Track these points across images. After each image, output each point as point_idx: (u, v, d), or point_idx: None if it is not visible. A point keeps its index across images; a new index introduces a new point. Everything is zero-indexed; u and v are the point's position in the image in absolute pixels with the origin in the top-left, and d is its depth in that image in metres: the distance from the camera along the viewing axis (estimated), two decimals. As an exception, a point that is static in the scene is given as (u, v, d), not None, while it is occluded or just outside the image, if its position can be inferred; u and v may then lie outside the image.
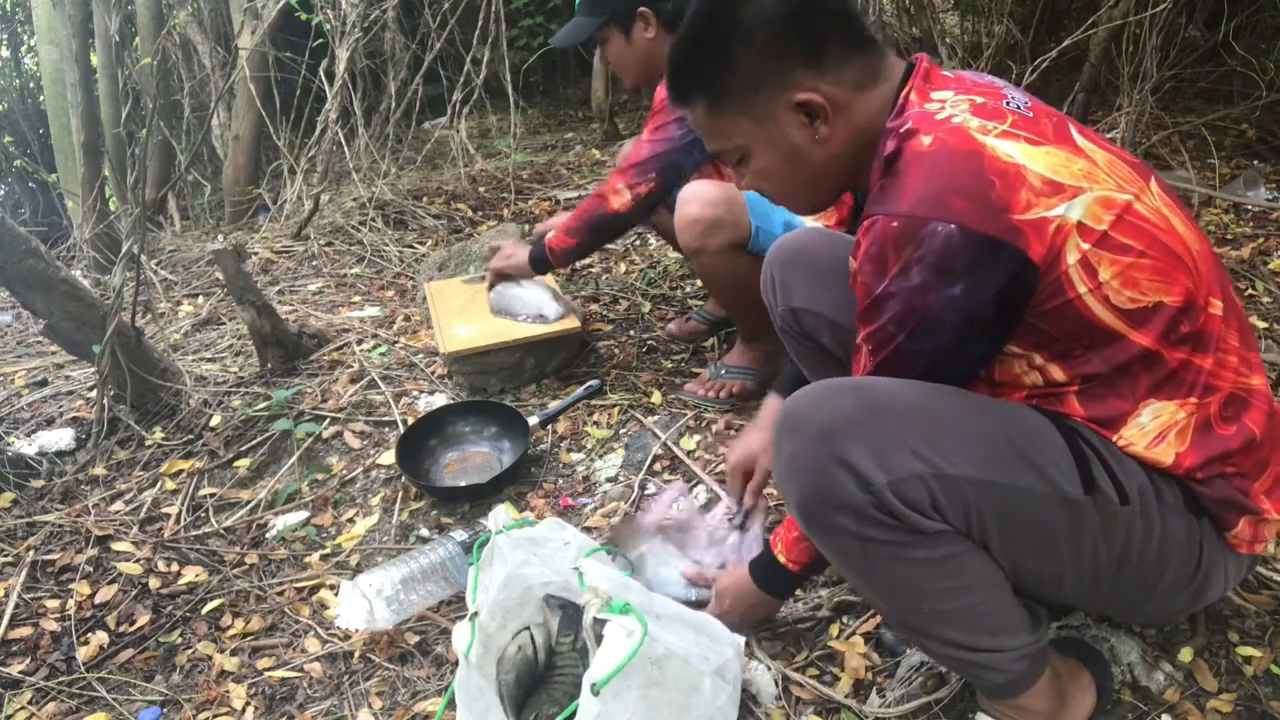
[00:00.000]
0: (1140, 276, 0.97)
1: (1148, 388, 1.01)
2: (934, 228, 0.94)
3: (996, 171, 0.95)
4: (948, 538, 1.00)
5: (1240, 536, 1.06)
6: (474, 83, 3.79)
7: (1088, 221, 0.95)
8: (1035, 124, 1.01)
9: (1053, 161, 0.96)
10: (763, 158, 1.12)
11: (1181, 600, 1.10)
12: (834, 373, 1.44)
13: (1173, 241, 0.99)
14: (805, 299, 1.44)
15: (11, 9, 5.65)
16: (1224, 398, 1.03)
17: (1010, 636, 1.07)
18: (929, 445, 0.96)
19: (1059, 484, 0.99)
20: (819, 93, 1.04)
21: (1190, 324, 1.00)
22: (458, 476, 1.96)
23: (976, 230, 0.93)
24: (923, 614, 1.06)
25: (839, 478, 0.97)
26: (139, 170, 3.19)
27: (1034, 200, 0.94)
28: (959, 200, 0.94)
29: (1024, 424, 1.02)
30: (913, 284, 0.97)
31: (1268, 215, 2.87)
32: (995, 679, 1.10)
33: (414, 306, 2.78)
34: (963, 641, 1.07)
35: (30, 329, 3.06)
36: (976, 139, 0.97)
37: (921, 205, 0.95)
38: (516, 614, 1.30)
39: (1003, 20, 3.85)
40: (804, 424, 1.00)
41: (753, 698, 1.33)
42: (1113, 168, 1.00)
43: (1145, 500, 1.01)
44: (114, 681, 1.54)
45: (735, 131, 1.11)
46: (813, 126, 1.07)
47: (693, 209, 1.88)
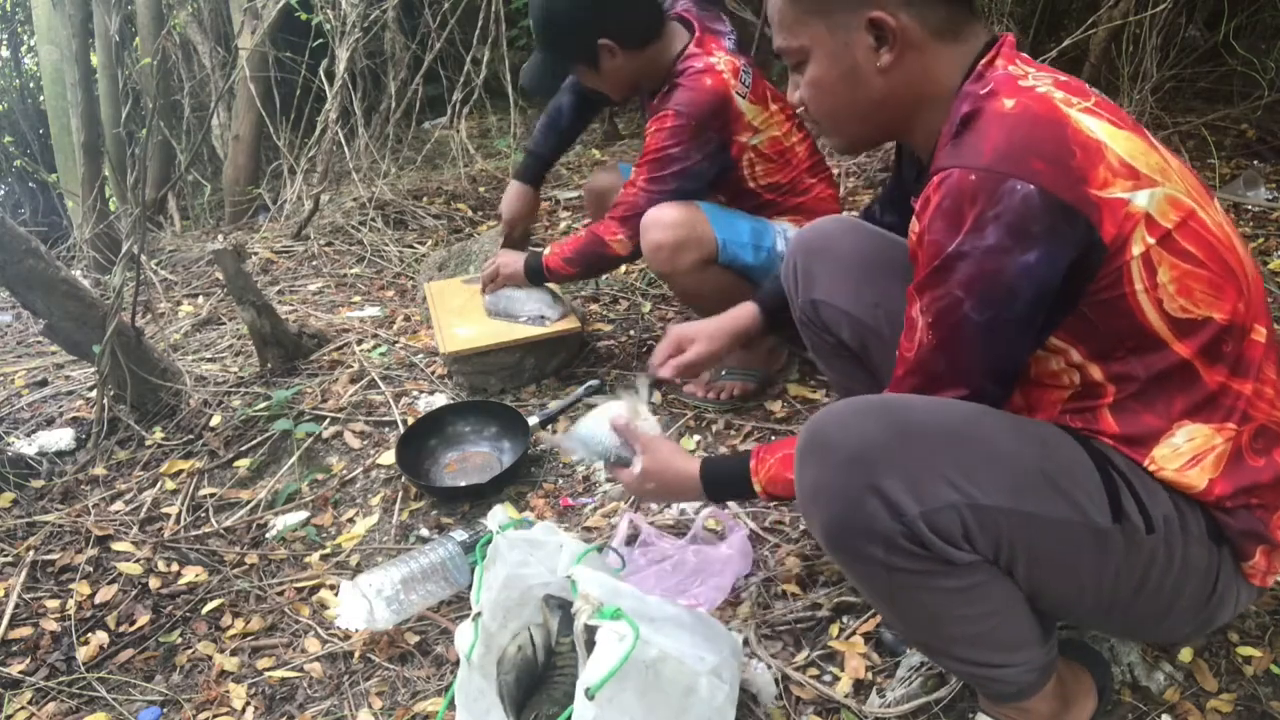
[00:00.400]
0: (1196, 286, 0.95)
1: (1184, 408, 0.99)
2: (1013, 185, 0.90)
3: (1079, 142, 0.92)
4: (976, 568, 0.98)
5: (1256, 567, 1.05)
6: (474, 83, 3.79)
7: (1156, 216, 0.93)
8: (1117, 111, 0.99)
9: (1132, 147, 0.94)
10: (821, 67, 1.07)
11: (1191, 625, 1.09)
12: (849, 368, 1.43)
13: (1231, 259, 0.97)
14: (827, 291, 1.41)
15: (11, 9, 5.65)
16: (1256, 428, 1.01)
17: (1024, 651, 1.06)
18: (963, 473, 0.93)
19: (1089, 513, 0.96)
20: (897, 19, 1.01)
21: (1233, 345, 0.98)
22: (458, 476, 1.96)
23: (1055, 194, 0.90)
24: (942, 637, 1.05)
25: (870, 506, 0.93)
26: (139, 170, 3.19)
27: (1111, 179, 0.92)
28: (1040, 162, 0.90)
29: (1056, 450, 1.00)
30: (988, 244, 0.92)
31: (1268, 215, 2.87)
32: (1005, 689, 1.10)
33: (414, 306, 2.78)
34: (979, 659, 1.06)
35: (30, 329, 3.06)
36: (1061, 108, 0.94)
37: (1003, 161, 0.91)
38: (516, 614, 1.30)
39: (1003, 20, 3.85)
40: (832, 446, 0.97)
41: (753, 697, 1.33)
42: (1183, 174, 0.99)
43: (1170, 529, 0.99)
44: (114, 681, 1.54)
45: (805, 30, 1.06)
46: (878, 51, 1.03)
47: (654, 235, 1.89)
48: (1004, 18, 3.83)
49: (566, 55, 1.97)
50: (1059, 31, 4.09)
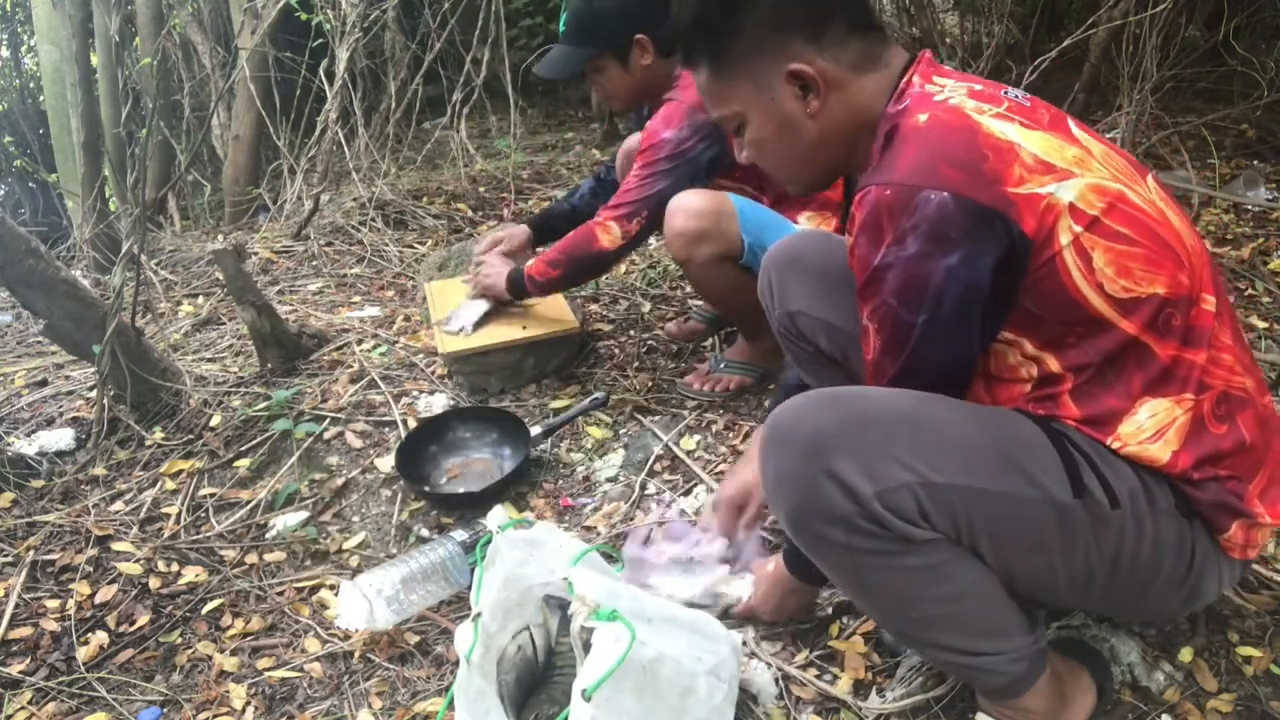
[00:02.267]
0: (1134, 266, 0.97)
1: (1142, 384, 1.01)
2: (927, 195, 0.95)
3: (990, 146, 0.97)
4: (938, 545, 1.00)
5: (1233, 541, 1.06)
6: (474, 83, 3.80)
7: (1080, 205, 0.96)
8: (1032, 112, 1.03)
9: (1046, 145, 0.98)
10: (758, 126, 1.14)
11: (1175, 602, 1.10)
12: (833, 376, 1.44)
13: (1166, 233, 1.00)
14: (801, 302, 1.44)
15: (11, 9, 5.65)
16: (1216, 395, 1.03)
17: (1006, 639, 1.07)
18: (915, 454, 0.97)
19: (1048, 488, 0.99)
20: (814, 66, 1.07)
21: (1181, 316, 1.00)
22: (458, 483, 1.96)
23: (969, 198, 0.94)
24: (915, 621, 1.07)
25: (826, 490, 0.97)
26: (139, 170, 3.19)
27: (1026, 176, 0.96)
28: (951, 170, 0.95)
29: (1011, 430, 1.02)
30: (909, 253, 0.97)
31: (1268, 215, 2.87)
32: (994, 681, 1.10)
33: (414, 306, 2.78)
34: (958, 646, 1.07)
35: (30, 329, 3.06)
36: (971, 116, 0.99)
37: (914, 174, 0.96)
38: (516, 614, 1.30)
39: (1003, 20, 3.85)
40: (789, 437, 1.01)
41: (753, 697, 1.33)
42: (1108, 159, 1.01)
43: (1136, 503, 1.01)
44: (114, 681, 1.54)
45: (735, 97, 1.13)
46: (805, 99, 1.09)
47: (678, 221, 1.88)
48: (1004, 18, 3.84)
49: (602, 43, 1.96)
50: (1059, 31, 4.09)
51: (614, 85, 2.03)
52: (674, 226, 1.89)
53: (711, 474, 1.85)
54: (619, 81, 2.01)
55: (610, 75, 2.01)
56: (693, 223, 1.87)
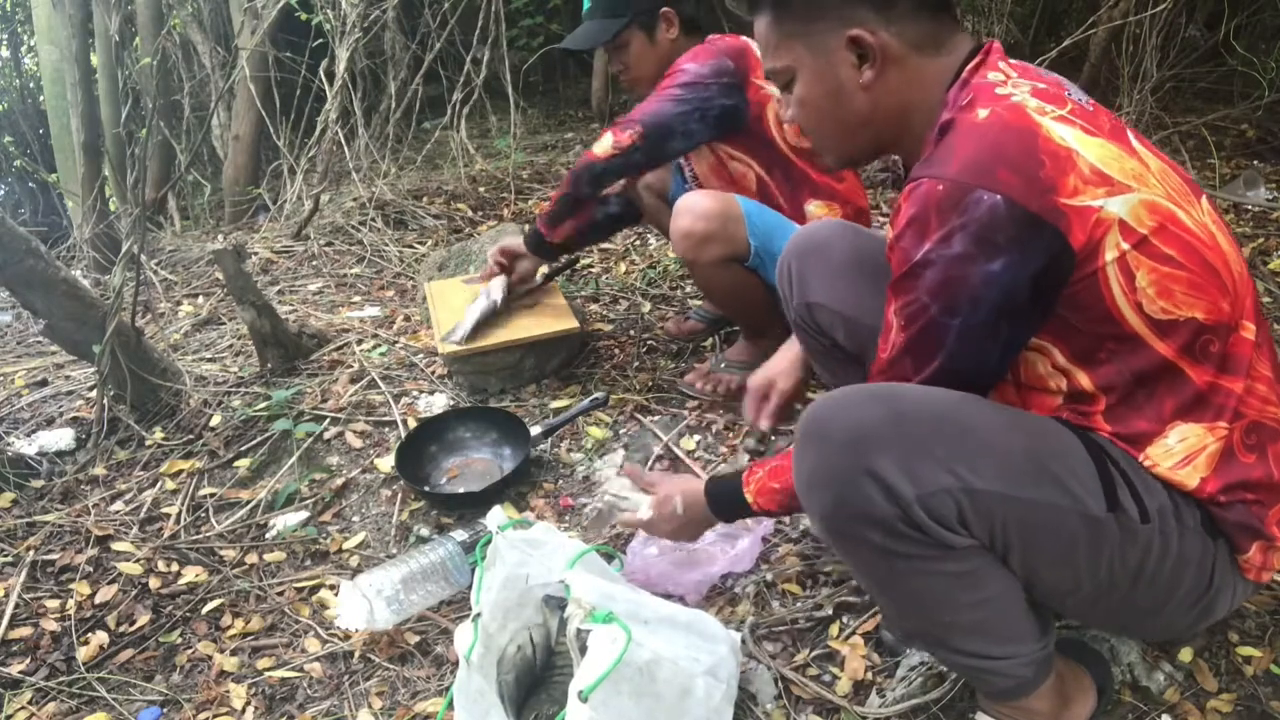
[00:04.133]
0: (1176, 289, 0.95)
1: (1174, 409, 1.00)
2: (980, 195, 0.92)
3: (1048, 152, 0.94)
4: (973, 552, 0.98)
5: (1251, 562, 1.05)
6: (474, 83, 3.80)
7: (1130, 222, 0.94)
8: (1094, 118, 1.00)
9: (1105, 154, 0.95)
10: (807, 86, 1.10)
11: (1188, 619, 1.09)
12: (847, 370, 1.43)
13: (1214, 258, 0.98)
14: (821, 293, 1.41)
15: (11, 9, 5.65)
16: (1248, 425, 1.01)
17: (1019, 645, 1.07)
18: (958, 458, 0.94)
19: (1083, 500, 0.97)
20: (876, 36, 1.03)
21: (1220, 343, 0.98)
22: (458, 483, 1.96)
23: (1022, 205, 0.92)
24: (940, 625, 1.05)
25: (866, 490, 0.94)
26: (139, 170, 3.18)
27: (1081, 187, 0.93)
28: (1007, 173, 0.93)
29: (1051, 438, 1.01)
30: (953, 252, 0.95)
31: (1268, 215, 2.87)
32: (1001, 684, 1.10)
33: (414, 306, 2.78)
34: (976, 650, 1.06)
35: (30, 329, 3.06)
36: (1033, 117, 0.96)
37: (969, 172, 0.94)
38: (516, 614, 1.30)
39: (1003, 20, 3.85)
40: (829, 432, 0.98)
41: (752, 697, 1.33)
42: (1165, 176, 0.99)
43: (1165, 520, 1.00)
44: (114, 681, 1.54)
45: (789, 51, 1.10)
46: (860, 69, 1.05)
47: (685, 222, 1.88)
48: (1004, 18, 3.84)
49: (629, 14, 1.99)
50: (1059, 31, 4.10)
51: (639, 60, 2.04)
52: (681, 227, 1.88)
53: (711, 474, 1.85)
54: (645, 55, 2.02)
55: (636, 49, 2.02)
56: (700, 224, 1.86)
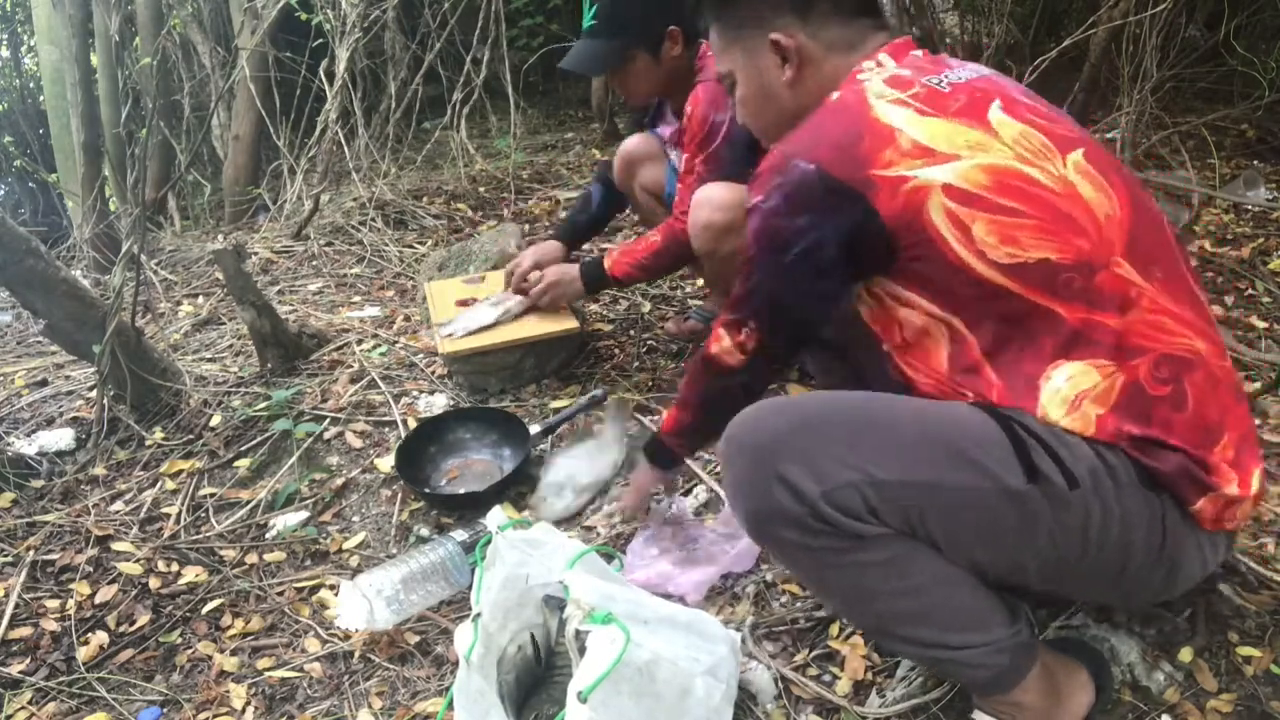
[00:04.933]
0: (1021, 235, 1.02)
1: (1053, 347, 1.04)
2: (797, 164, 1.07)
3: (871, 130, 1.06)
4: (889, 540, 1.02)
5: (1203, 514, 1.05)
6: (474, 83, 3.80)
7: (958, 184, 1.02)
8: (941, 98, 1.08)
9: (935, 131, 1.05)
10: (744, 86, 1.27)
11: (1156, 580, 1.10)
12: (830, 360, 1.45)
13: (1071, 206, 1.04)
14: None
15: (11, 9, 5.65)
16: (1156, 358, 1.03)
17: (981, 631, 1.08)
18: (859, 453, 1.01)
19: (999, 477, 1.00)
20: (794, 40, 1.18)
21: (1082, 280, 1.02)
22: (458, 483, 1.96)
23: (831, 174, 1.05)
24: (881, 615, 1.09)
25: (777, 493, 1.01)
26: (139, 170, 3.18)
27: (896, 159, 1.04)
28: (826, 148, 1.07)
29: (958, 421, 1.04)
30: (769, 205, 1.11)
31: (1268, 215, 2.87)
32: (978, 675, 1.10)
33: (414, 306, 2.78)
34: (929, 639, 1.08)
35: (30, 329, 3.06)
36: (868, 100, 1.09)
37: (798, 145, 1.10)
38: (516, 614, 1.30)
39: (1003, 20, 3.85)
40: (745, 444, 1.07)
41: (752, 697, 1.33)
42: (1022, 139, 1.05)
43: (1098, 480, 1.01)
44: (114, 681, 1.54)
45: (729, 56, 1.26)
46: (783, 69, 1.20)
47: (705, 214, 1.86)
48: (1004, 18, 3.84)
49: (634, 37, 1.92)
50: (1059, 31, 4.10)
51: (641, 79, 1.98)
52: (701, 219, 1.87)
53: (711, 473, 1.85)
54: (647, 75, 1.97)
55: (639, 68, 1.95)
56: (720, 215, 1.85)
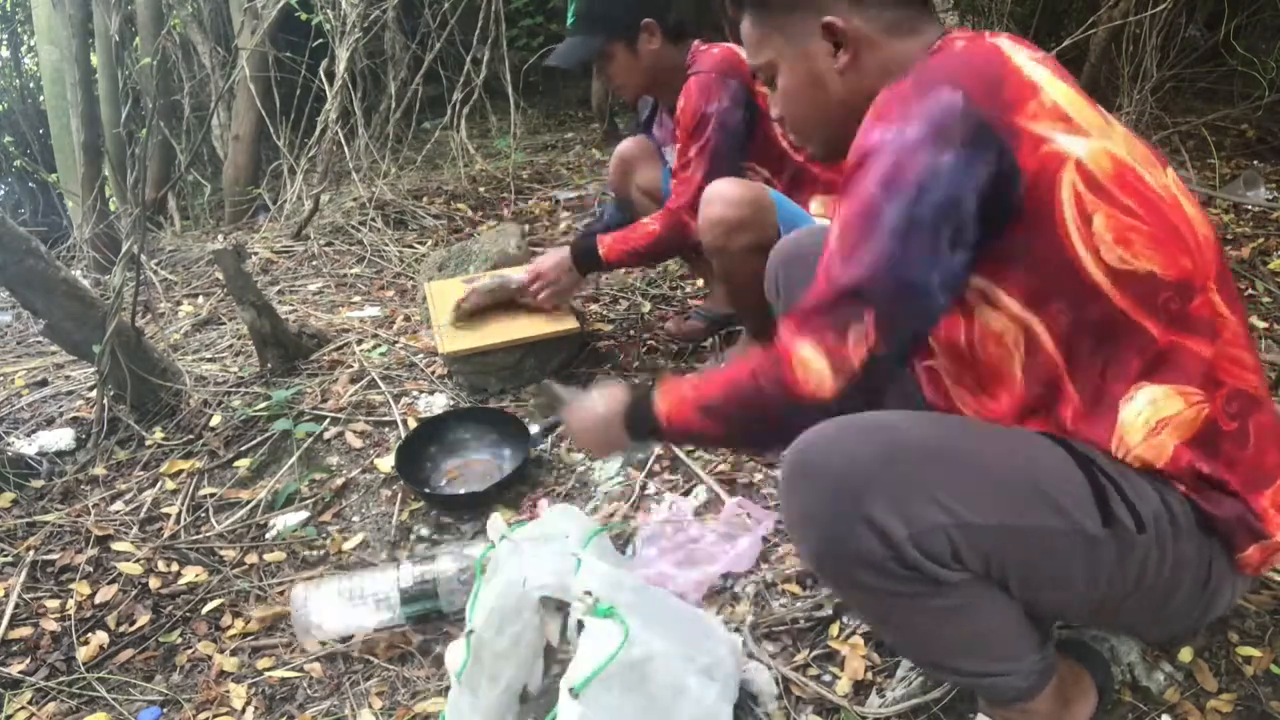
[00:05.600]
0: (1135, 238, 0.94)
1: (1140, 368, 0.98)
2: (942, 89, 0.93)
3: (1015, 77, 0.94)
4: (966, 585, 0.97)
5: (1249, 560, 1.04)
6: (474, 83, 3.80)
7: (1089, 165, 0.92)
8: (1063, 71, 1.00)
9: (1071, 99, 0.95)
10: (788, 77, 1.13)
11: (1187, 618, 1.09)
12: None
13: (1176, 218, 0.97)
14: None
15: (11, 9, 5.65)
16: (1229, 392, 1.00)
17: (1019, 660, 1.06)
18: (950, 492, 0.93)
19: (1079, 521, 0.96)
20: (849, 23, 1.06)
21: (1180, 302, 0.96)
22: (458, 484, 1.96)
23: (978, 108, 0.91)
24: (935, 651, 1.06)
25: (859, 532, 0.92)
26: (139, 170, 3.18)
27: (1040, 114, 0.93)
28: (972, 79, 0.93)
29: (1041, 458, 0.99)
30: (905, 137, 0.93)
31: (1268, 215, 2.87)
32: (1003, 695, 1.10)
33: (414, 306, 2.78)
34: (973, 670, 1.06)
35: (30, 329, 3.06)
36: (1004, 50, 0.97)
37: (938, 73, 0.95)
38: (513, 618, 1.29)
39: (1003, 20, 3.85)
40: (820, 472, 0.95)
41: (753, 697, 1.33)
42: (1129, 140, 0.99)
43: (1160, 525, 0.99)
44: (114, 681, 1.54)
45: (770, 45, 1.13)
46: (836, 55, 1.08)
47: (716, 209, 1.86)
48: (1004, 18, 3.84)
49: (609, 30, 1.98)
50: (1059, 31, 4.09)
51: (623, 73, 2.04)
52: (713, 215, 1.86)
53: (711, 474, 1.85)
54: (629, 68, 2.02)
55: (620, 63, 2.02)
56: (732, 211, 1.84)
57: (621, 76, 2.06)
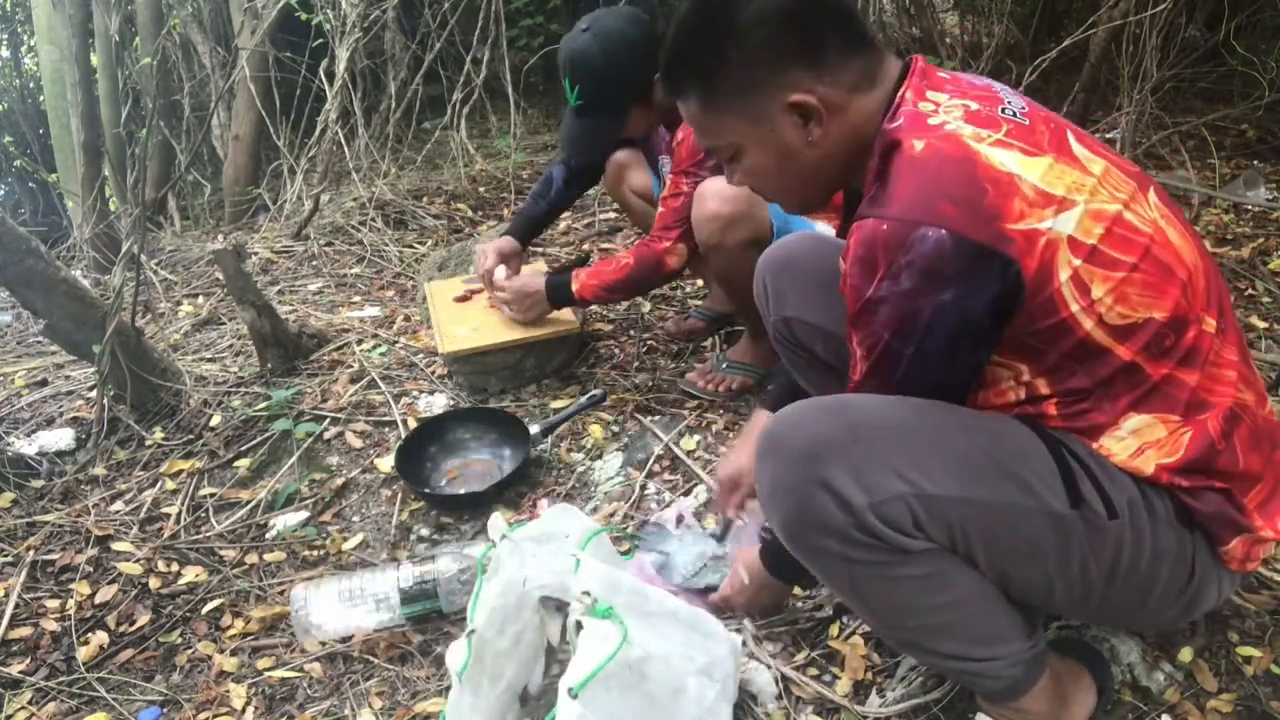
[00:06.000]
0: (1131, 291, 0.96)
1: (1129, 403, 1.00)
2: (924, 232, 0.92)
3: (990, 179, 0.93)
4: (932, 555, 1.00)
5: (1233, 554, 1.05)
6: (474, 83, 3.79)
7: (1078, 236, 0.94)
8: (1031, 133, 0.99)
9: (1046, 172, 0.95)
10: (755, 156, 1.10)
11: (1173, 611, 1.10)
12: (828, 381, 1.44)
13: (1166, 254, 0.98)
14: (797, 307, 1.43)
15: (11, 9, 5.65)
16: (1225, 413, 1.01)
17: (1003, 645, 1.07)
18: (911, 464, 0.97)
19: (1044, 499, 0.98)
20: (815, 94, 1.02)
21: (1176, 338, 0.99)
22: (458, 484, 1.96)
23: (967, 237, 0.92)
24: (912, 629, 1.07)
25: (821, 500, 0.97)
26: (139, 170, 3.18)
27: (1027, 210, 0.93)
28: (949, 206, 0.93)
29: (1008, 438, 1.02)
30: (902, 288, 0.95)
31: (1268, 215, 2.87)
32: (992, 685, 1.10)
33: (414, 306, 2.78)
34: (955, 652, 1.07)
35: (30, 329, 3.06)
36: (970, 145, 0.95)
37: (911, 210, 0.94)
38: (514, 618, 1.30)
39: (1003, 20, 3.85)
40: (785, 446, 1.01)
41: (753, 697, 1.33)
42: (1107, 176, 0.99)
43: (1135, 513, 1.00)
44: (114, 681, 1.54)
45: (728, 129, 1.09)
46: (806, 128, 1.05)
47: (712, 206, 1.86)
48: (1004, 18, 3.84)
49: (626, 100, 1.93)
50: (1059, 31, 4.10)
51: (639, 125, 2.02)
52: (707, 211, 1.86)
53: (711, 474, 1.85)
54: (644, 118, 2.00)
55: (635, 119, 1.98)
56: (727, 207, 1.84)
57: (637, 127, 2.03)
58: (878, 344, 1.01)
